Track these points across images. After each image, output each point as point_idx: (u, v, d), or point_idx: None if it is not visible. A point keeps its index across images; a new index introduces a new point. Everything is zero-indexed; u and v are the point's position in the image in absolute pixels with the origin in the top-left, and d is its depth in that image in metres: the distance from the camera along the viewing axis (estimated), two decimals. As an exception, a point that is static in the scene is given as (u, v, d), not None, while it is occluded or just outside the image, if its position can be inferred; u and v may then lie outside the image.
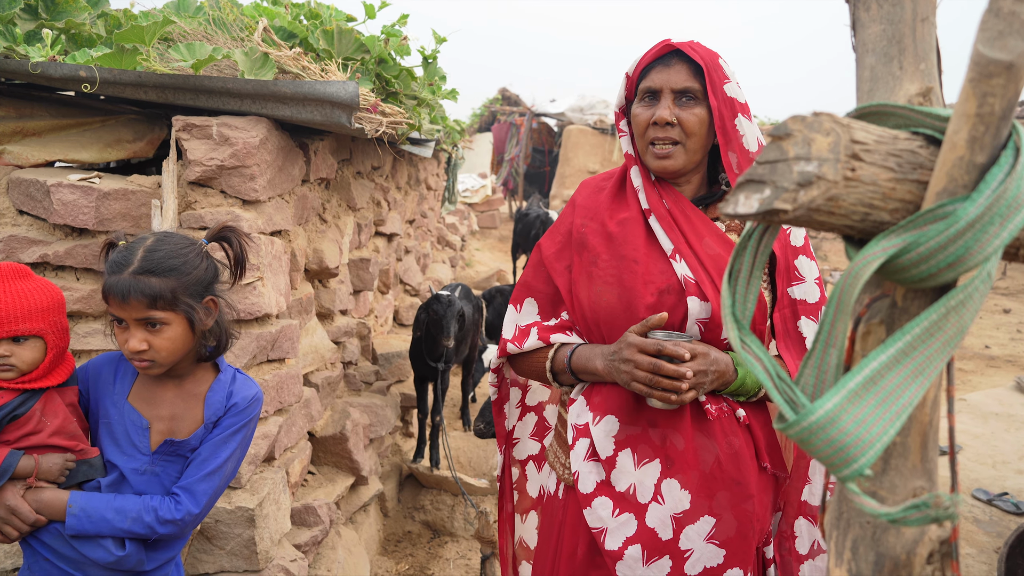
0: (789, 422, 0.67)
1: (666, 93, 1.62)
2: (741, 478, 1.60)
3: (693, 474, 1.59)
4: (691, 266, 1.61)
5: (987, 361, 7.61)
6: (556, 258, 1.80)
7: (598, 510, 1.63)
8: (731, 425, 1.62)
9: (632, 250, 1.66)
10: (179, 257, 1.54)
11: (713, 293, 1.58)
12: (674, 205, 1.67)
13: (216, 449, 1.62)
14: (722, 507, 1.59)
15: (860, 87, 0.83)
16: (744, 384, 1.60)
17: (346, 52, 2.96)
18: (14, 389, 1.54)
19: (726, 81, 1.62)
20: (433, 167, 7.03)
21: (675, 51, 1.63)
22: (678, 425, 1.61)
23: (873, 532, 0.73)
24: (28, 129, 2.47)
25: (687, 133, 1.61)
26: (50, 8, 2.49)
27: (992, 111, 0.64)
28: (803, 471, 1.72)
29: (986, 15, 0.63)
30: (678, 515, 1.59)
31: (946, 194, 0.67)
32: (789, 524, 1.72)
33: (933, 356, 0.67)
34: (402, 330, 5.39)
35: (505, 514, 2.10)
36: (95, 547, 1.55)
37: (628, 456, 1.63)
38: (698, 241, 1.63)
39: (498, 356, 1.91)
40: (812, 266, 1.70)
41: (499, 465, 2.09)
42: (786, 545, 1.71)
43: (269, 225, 2.47)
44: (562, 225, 1.84)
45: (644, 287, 1.62)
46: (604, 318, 1.66)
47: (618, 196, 1.78)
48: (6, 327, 1.50)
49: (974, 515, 3.90)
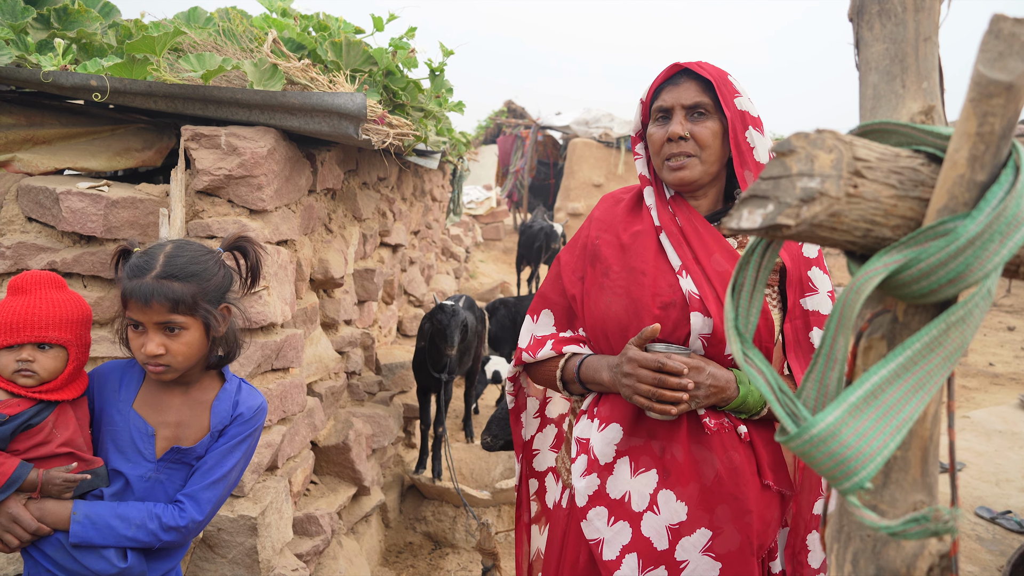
0: (790, 435, 0.68)
1: (678, 110, 1.65)
2: (739, 493, 1.60)
3: (691, 486, 1.60)
4: (697, 282, 1.62)
5: (991, 379, 7.58)
6: (571, 269, 1.84)
7: (594, 521, 1.65)
8: (732, 440, 1.62)
9: (642, 262, 1.68)
10: (199, 264, 1.56)
11: (716, 308, 1.59)
12: (686, 222, 1.69)
13: (222, 458, 1.63)
14: (720, 521, 1.59)
15: (863, 105, 0.84)
16: (746, 402, 1.60)
17: (354, 64, 2.99)
18: (31, 399, 1.55)
19: (736, 95, 1.64)
20: (438, 179, 7.06)
21: (684, 71, 1.67)
22: (676, 437, 1.62)
23: (873, 545, 0.73)
24: (38, 137, 2.50)
25: (701, 146, 1.64)
26: (62, 18, 2.52)
27: (992, 130, 0.65)
28: (815, 485, 1.72)
29: (986, 36, 0.64)
30: (674, 526, 1.60)
31: (947, 211, 0.68)
32: (801, 538, 1.72)
33: (934, 371, 0.68)
34: (406, 341, 5.40)
35: (522, 524, 2.10)
36: (97, 558, 1.55)
37: (625, 464, 1.65)
38: (707, 257, 1.65)
39: (514, 364, 1.94)
40: (825, 279, 1.71)
41: (517, 474, 2.10)
42: (798, 559, 1.72)
43: (275, 235, 2.48)
44: (579, 238, 1.88)
45: (652, 299, 1.64)
46: (612, 328, 1.68)
47: (634, 210, 1.81)
48: (36, 332, 1.52)
49: (977, 533, 3.88)
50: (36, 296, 1.54)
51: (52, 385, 1.57)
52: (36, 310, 1.53)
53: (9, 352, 1.53)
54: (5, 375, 1.54)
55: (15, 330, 1.51)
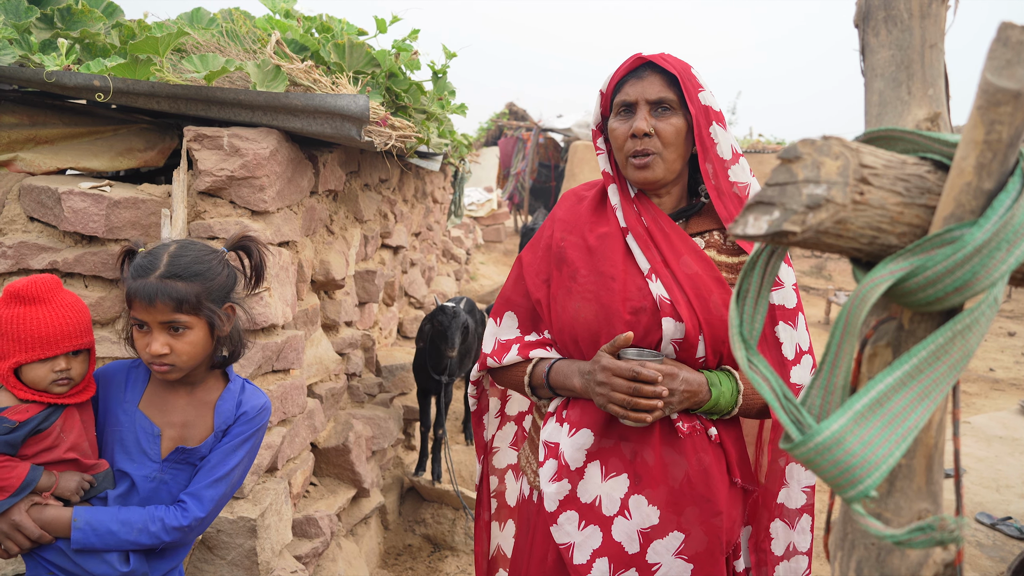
0: (795, 442, 0.68)
1: (641, 104, 1.62)
2: (711, 495, 1.60)
3: (661, 490, 1.60)
4: (667, 286, 1.61)
5: (991, 384, 7.58)
6: (535, 271, 1.80)
7: (564, 525, 1.65)
8: (702, 443, 1.63)
9: (610, 266, 1.66)
10: (204, 263, 1.57)
11: (688, 313, 1.58)
12: (652, 222, 1.67)
13: (225, 457, 1.64)
14: (691, 523, 1.60)
15: (868, 111, 0.84)
16: (718, 403, 1.61)
17: (357, 66, 2.99)
18: (40, 403, 1.55)
19: (700, 90, 1.62)
20: (440, 180, 7.06)
21: (647, 63, 1.64)
22: (649, 440, 1.62)
23: (878, 554, 0.73)
24: (41, 137, 2.49)
25: (665, 144, 1.61)
26: (65, 18, 2.52)
27: (1000, 138, 0.65)
28: (780, 475, 1.73)
29: (994, 44, 0.64)
30: (645, 530, 1.60)
31: (953, 219, 0.67)
32: (764, 528, 1.73)
33: (939, 379, 0.68)
34: (406, 343, 5.39)
35: (482, 522, 2.09)
36: (99, 562, 1.55)
37: (596, 468, 1.64)
38: (675, 260, 1.63)
39: (478, 370, 1.90)
40: (789, 272, 1.70)
41: (478, 474, 2.09)
42: (761, 547, 1.72)
43: (277, 236, 2.48)
44: (542, 238, 1.83)
45: (622, 304, 1.62)
46: (582, 334, 1.65)
47: (598, 208, 1.77)
48: (72, 341, 1.53)
49: (977, 539, 3.88)
50: (57, 305, 1.53)
51: (77, 388, 1.59)
52: (65, 319, 1.52)
53: (42, 364, 1.52)
54: (41, 386, 1.53)
55: (51, 343, 1.51)
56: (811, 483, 1.73)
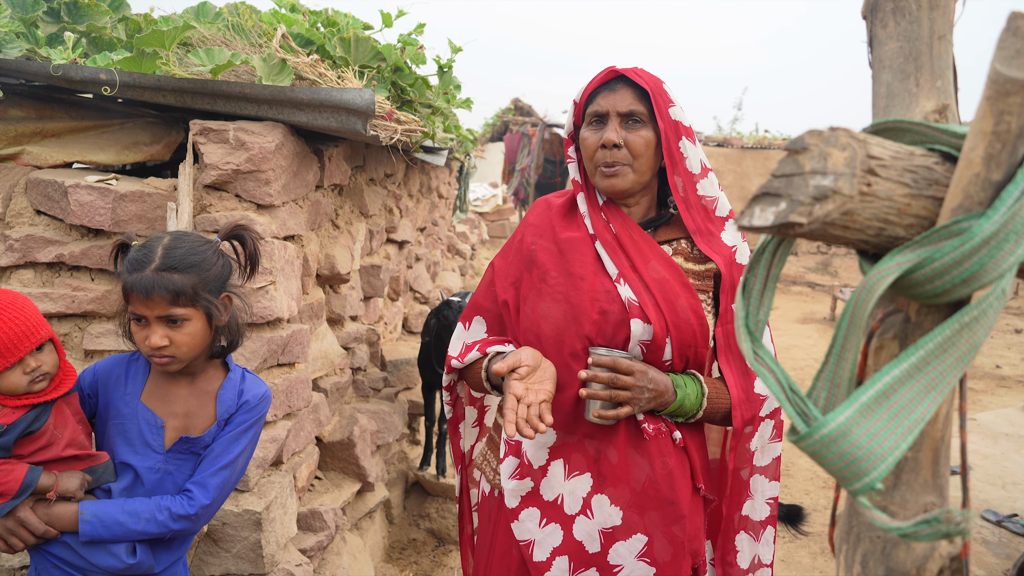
0: (801, 435, 0.68)
1: (612, 116, 1.64)
2: (675, 498, 1.62)
3: (624, 490, 1.61)
4: (635, 289, 1.63)
5: (998, 381, 7.55)
6: (505, 275, 1.81)
7: (525, 522, 1.66)
8: (667, 446, 1.64)
9: (580, 267, 1.68)
10: (198, 254, 1.57)
11: (656, 315, 1.60)
12: (621, 229, 1.69)
13: (229, 445, 1.65)
14: (655, 526, 1.61)
15: (876, 103, 0.83)
16: (683, 405, 1.62)
17: (362, 60, 2.99)
18: (23, 406, 1.52)
19: (671, 105, 1.64)
20: (445, 175, 7.06)
21: (620, 76, 1.66)
22: (613, 440, 1.63)
23: (883, 547, 0.73)
24: (47, 130, 2.50)
25: (634, 155, 1.64)
26: (72, 12, 2.52)
27: (1009, 129, 0.65)
28: (744, 486, 1.73)
29: (1004, 34, 0.64)
30: (607, 530, 1.61)
31: (961, 210, 0.67)
32: (730, 540, 1.73)
33: (946, 372, 0.67)
34: (411, 337, 5.40)
35: (465, 536, 2.08)
36: (106, 555, 1.56)
37: (560, 466, 1.65)
38: (644, 264, 1.65)
39: (446, 373, 1.88)
40: None
41: (457, 486, 2.07)
42: (727, 560, 1.73)
43: (282, 230, 2.49)
44: (513, 244, 1.85)
45: (591, 304, 1.64)
46: (547, 332, 1.66)
47: (568, 215, 1.80)
48: (31, 339, 1.49)
49: (983, 536, 3.87)
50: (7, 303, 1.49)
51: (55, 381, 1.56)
52: (13, 322, 1.48)
53: (11, 371, 1.49)
54: (21, 391, 1.51)
55: (10, 349, 1.47)
56: (774, 495, 1.74)
